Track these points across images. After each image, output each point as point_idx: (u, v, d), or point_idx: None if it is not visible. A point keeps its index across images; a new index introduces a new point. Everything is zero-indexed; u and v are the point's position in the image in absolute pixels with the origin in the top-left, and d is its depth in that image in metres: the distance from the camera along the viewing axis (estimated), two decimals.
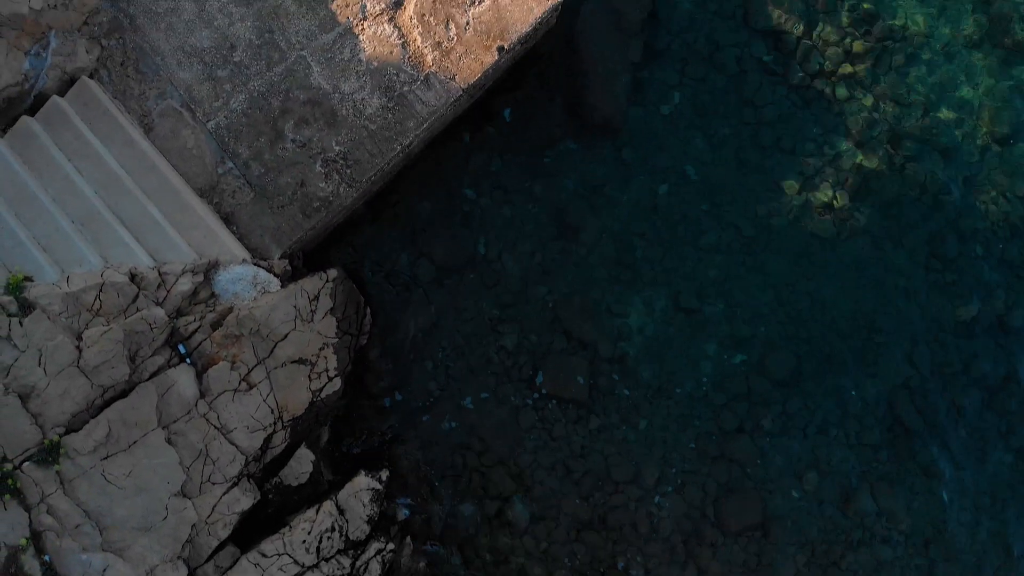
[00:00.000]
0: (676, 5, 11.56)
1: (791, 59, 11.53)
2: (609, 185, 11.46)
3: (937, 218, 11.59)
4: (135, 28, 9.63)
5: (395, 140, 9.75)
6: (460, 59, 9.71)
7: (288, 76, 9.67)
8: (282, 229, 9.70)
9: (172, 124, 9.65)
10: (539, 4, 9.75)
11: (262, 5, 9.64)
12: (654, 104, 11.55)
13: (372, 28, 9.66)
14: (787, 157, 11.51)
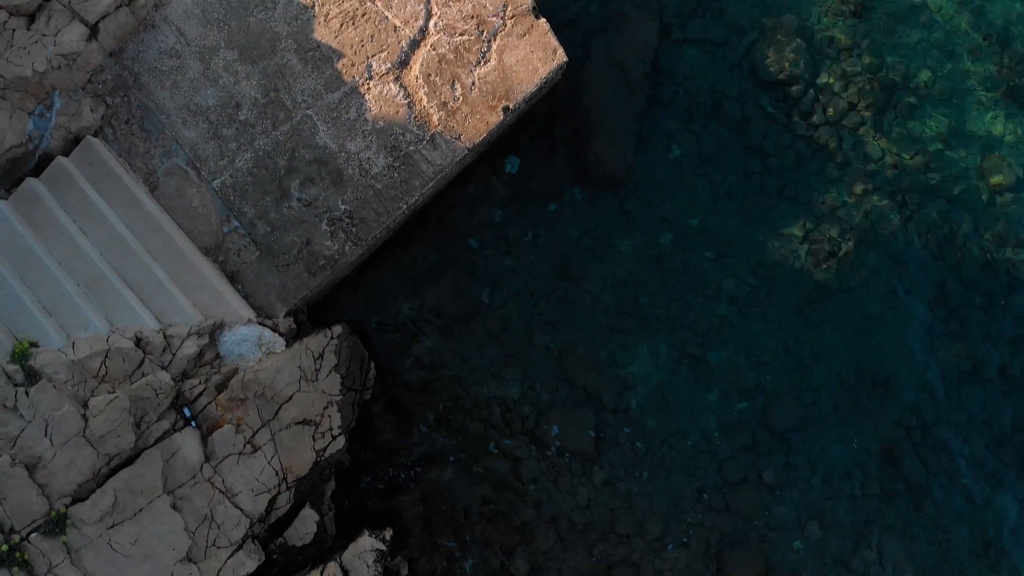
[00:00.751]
0: (680, 56, 11.54)
1: (795, 109, 11.53)
2: (613, 234, 11.46)
3: (941, 267, 11.59)
4: (140, 86, 9.63)
5: (401, 199, 9.75)
6: (466, 119, 9.71)
7: (294, 135, 9.66)
8: (287, 288, 9.70)
9: (177, 183, 9.65)
10: (544, 64, 9.74)
11: (268, 64, 9.64)
12: (658, 153, 11.54)
13: (378, 88, 9.65)
14: (791, 206, 11.50)
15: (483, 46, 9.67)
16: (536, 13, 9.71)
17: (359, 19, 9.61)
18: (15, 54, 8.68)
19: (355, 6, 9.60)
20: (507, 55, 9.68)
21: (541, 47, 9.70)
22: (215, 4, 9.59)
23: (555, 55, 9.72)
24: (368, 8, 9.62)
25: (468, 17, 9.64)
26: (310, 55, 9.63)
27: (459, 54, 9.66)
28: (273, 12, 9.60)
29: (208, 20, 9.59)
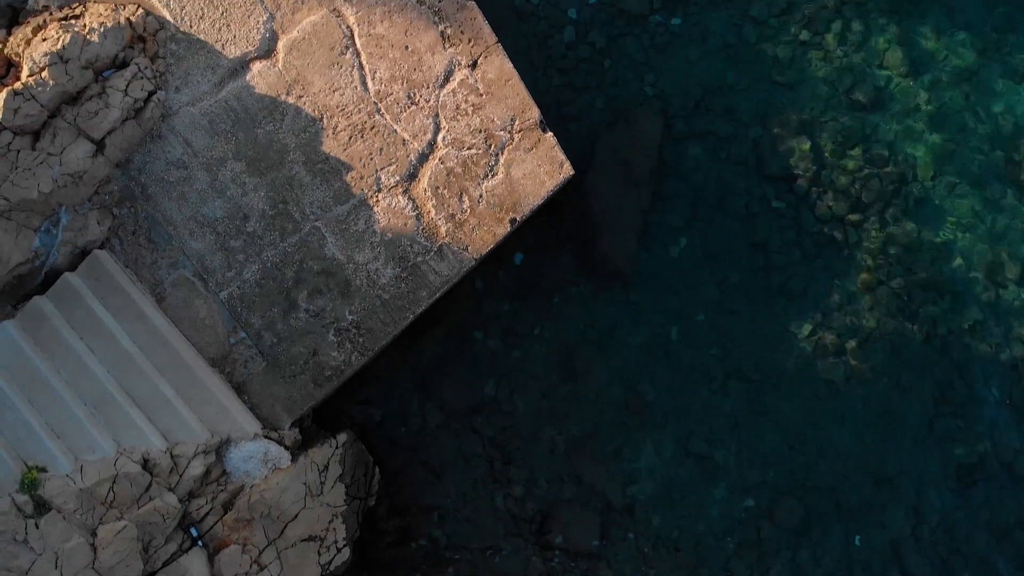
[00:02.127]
0: (685, 150, 11.57)
1: (801, 204, 11.54)
2: (618, 328, 11.48)
3: (945, 362, 11.61)
4: (147, 197, 9.62)
5: (408, 309, 9.75)
6: (473, 231, 9.72)
7: (302, 246, 9.66)
8: (293, 399, 9.70)
9: (184, 294, 9.64)
10: (551, 178, 9.76)
11: (276, 176, 9.64)
12: (663, 248, 11.56)
13: (387, 200, 9.66)
14: (797, 302, 11.52)
15: (491, 160, 9.67)
16: (543, 127, 9.71)
17: (368, 132, 9.61)
18: (20, 176, 8.67)
19: (364, 119, 9.61)
20: (514, 168, 9.70)
21: (548, 161, 9.71)
22: (222, 115, 9.59)
23: (562, 169, 9.73)
24: (377, 121, 9.62)
25: (476, 131, 9.65)
26: (319, 167, 9.63)
27: (467, 167, 9.67)
28: (281, 124, 9.60)
29: (216, 131, 9.59)
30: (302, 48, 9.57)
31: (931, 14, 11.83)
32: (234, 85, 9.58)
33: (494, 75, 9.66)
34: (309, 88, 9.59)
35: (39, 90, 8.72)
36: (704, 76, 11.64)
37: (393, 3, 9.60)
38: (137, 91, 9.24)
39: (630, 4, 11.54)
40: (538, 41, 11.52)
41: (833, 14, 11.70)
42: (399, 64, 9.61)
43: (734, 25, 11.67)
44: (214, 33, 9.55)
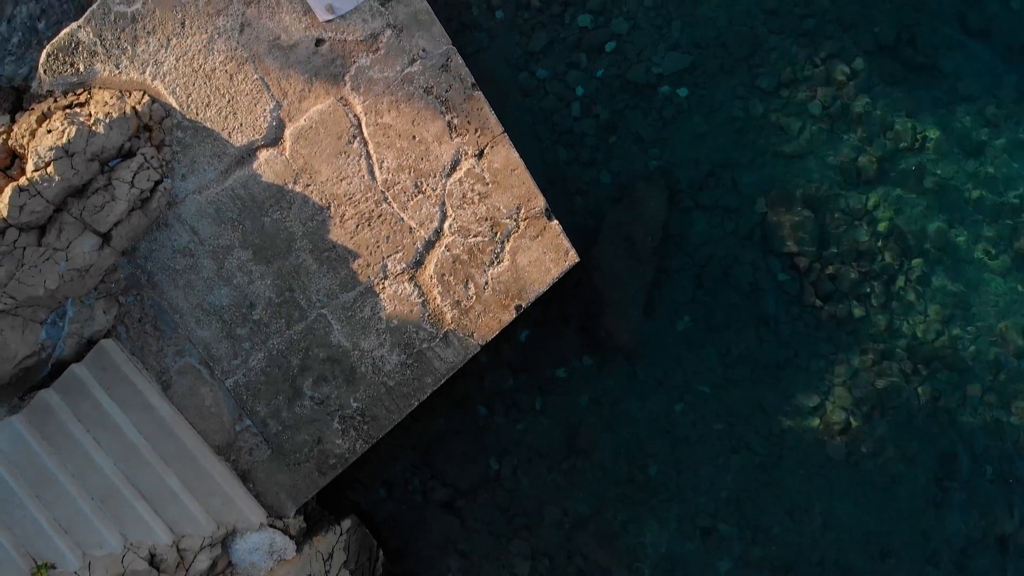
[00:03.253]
0: (691, 224, 11.56)
1: (806, 277, 11.54)
2: (623, 402, 11.49)
3: (950, 436, 11.62)
4: (153, 285, 9.63)
5: (413, 396, 9.76)
6: (479, 317, 9.72)
7: (308, 334, 9.67)
8: (298, 486, 9.72)
9: (190, 382, 9.65)
10: (556, 265, 9.76)
11: (283, 264, 9.64)
12: (668, 321, 11.57)
13: (393, 287, 9.66)
14: (801, 376, 11.53)
15: (496, 247, 9.68)
16: (549, 215, 9.72)
17: (375, 220, 9.62)
18: (26, 274, 8.68)
19: (371, 208, 9.61)
20: (520, 256, 9.70)
21: (554, 248, 9.72)
22: (229, 204, 9.59)
23: (567, 256, 9.74)
24: (384, 210, 9.63)
25: (482, 219, 9.65)
26: (325, 255, 9.63)
27: (473, 255, 9.67)
28: (288, 212, 9.61)
29: (222, 219, 9.59)
30: (309, 137, 9.58)
31: (938, 86, 11.81)
32: (241, 173, 9.59)
33: (500, 164, 9.66)
34: (316, 177, 9.59)
35: (45, 186, 8.73)
36: (710, 148, 11.64)
37: (400, 93, 9.60)
38: (143, 182, 9.24)
39: (636, 76, 11.52)
40: (544, 116, 11.51)
41: (840, 86, 11.67)
42: (406, 153, 9.61)
43: (741, 96, 11.65)
44: (220, 121, 9.55)
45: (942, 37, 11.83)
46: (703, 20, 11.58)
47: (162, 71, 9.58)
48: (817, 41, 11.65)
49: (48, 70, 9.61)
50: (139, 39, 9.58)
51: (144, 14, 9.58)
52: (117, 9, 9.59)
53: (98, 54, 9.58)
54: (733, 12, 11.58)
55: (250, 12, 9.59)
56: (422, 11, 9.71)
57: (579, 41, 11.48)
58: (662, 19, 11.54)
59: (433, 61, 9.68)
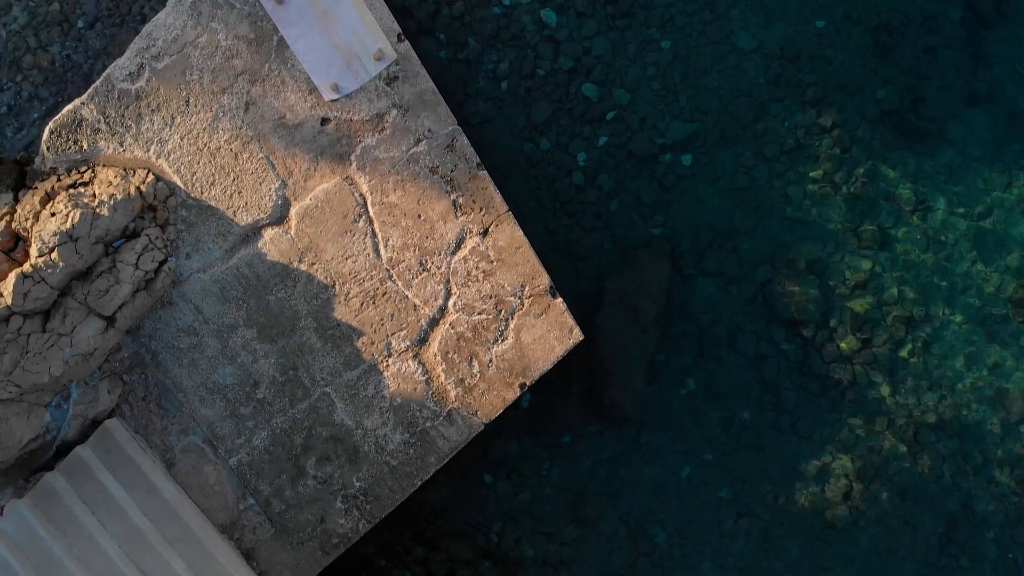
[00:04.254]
0: (694, 290, 11.57)
1: (810, 345, 11.55)
2: (627, 469, 11.48)
3: (953, 501, 11.62)
4: (157, 364, 9.62)
5: (416, 476, 9.75)
6: (483, 395, 9.71)
7: (311, 413, 9.66)
8: (301, 566, 9.69)
9: (194, 460, 9.64)
10: (560, 343, 9.76)
11: (287, 342, 9.63)
12: (672, 388, 11.56)
13: (396, 365, 9.66)
14: (805, 443, 11.52)
15: (501, 325, 9.68)
16: (553, 293, 9.72)
17: (379, 298, 9.62)
18: (31, 361, 8.66)
19: (376, 286, 9.61)
20: (524, 334, 9.70)
21: (558, 326, 9.71)
22: (234, 282, 9.59)
23: (571, 334, 9.73)
24: (389, 288, 9.62)
25: (487, 296, 9.65)
26: (330, 333, 9.63)
27: (477, 332, 9.67)
28: (293, 291, 9.60)
29: (227, 298, 9.59)
30: (315, 215, 9.58)
31: (941, 152, 11.84)
32: (246, 252, 9.59)
33: (505, 242, 9.67)
34: (322, 255, 9.59)
35: (49, 272, 8.72)
36: (713, 215, 11.65)
37: (406, 172, 9.61)
38: (148, 263, 9.24)
39: (639, 146, 11.54)
40: (547, 184, 11.52)
41: (843, 152, 11.70)
42: (411, 232, 9.62)
43: (744, 164, 11.67)
44: (225, 200, 9.55)
45: (947, 103, 11.87)
46: (706, 89, 11.61)
47: (166, 149, 9.59)
48: (821, 108, 11.68)
49: (51, 147, 9.61)
50: (143, 116, 9.59)
51: (148, 91, 9.59)
52: (121, 86, 9.61)
53: (102, 131, 9.59)
54: (737, 80, 11.61)
55: (255, 90, 9.61)
56: (428, 91, 9.73)
57: (583, 111, 11.50)
58: (665, 88, 11.57)
59: (439, 141, 9.70)
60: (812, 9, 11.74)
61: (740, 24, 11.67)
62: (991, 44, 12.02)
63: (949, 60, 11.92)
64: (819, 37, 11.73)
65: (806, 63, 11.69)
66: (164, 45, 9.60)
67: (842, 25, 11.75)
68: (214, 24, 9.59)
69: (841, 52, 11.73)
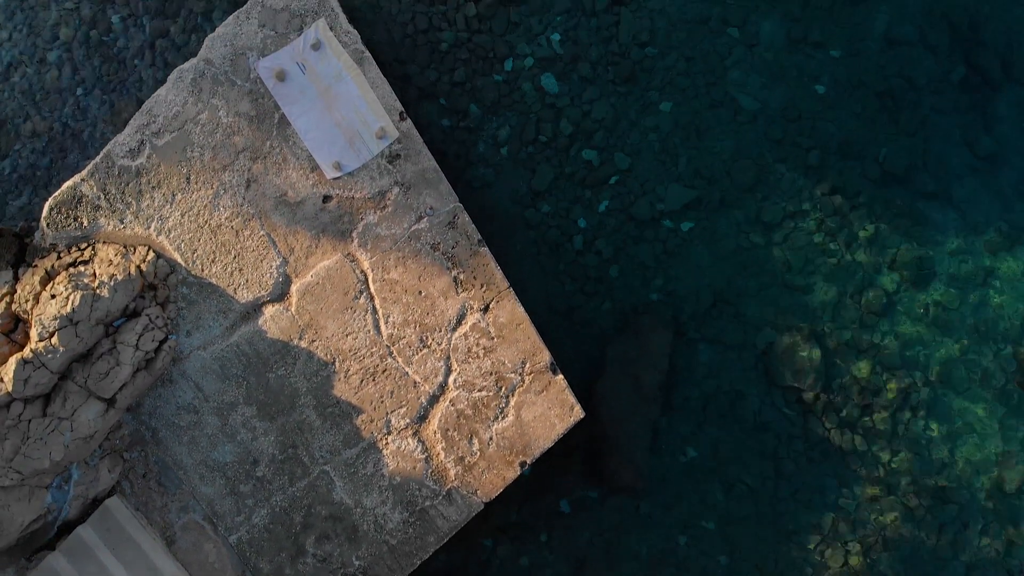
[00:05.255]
0: (695, 356, 11.56)
1: (810, 412, 11.53)
2: (627, 536, 11.46)
3: (953, 569, 11.60)
4: (157, 442, 9.61)
5: (415, 555, 9.74)
6: (482, 474, 9.70)
7: (311, 491, 9.65)
8: None
9: (194, 537, 9.62)
10: (561, 421, 9.75)
11: (287, 420, 9.62)
12: (673, 455, 11.55)
13: (396, 443, 9.65)
14: (805, 510, 11.51)
15: (501, 402, 9.67)
16: (554, 369, 9.71)
17: (380, 376, 9.61)
18: (32, 447, 8.65)
19: (376, 363, 9.60)
20: (525, 411, 9.69)
21: (559, 404, 9.71)
22: (234, 360, 9.58)
23: (572, 412, 9.72)
24: (389, 365, 9.61)
25: (487, 373, 9.64)
26: (329, 411, 9.62)
27: (477, 409, 9.66)
28: (293, 368, 9.59)
29: (227, 376, 9.57)
30: (316, 292, 9.57)
31: (943, 214, 11.83)
32: (246, 329, 9.57)
33: (505, 319, 9.65)
34: (322, 332, 9.58)
35: (49, 357, 8.70)
36: (714, 280, 11.64)
37: (407, 249, 9.60)
38: (148, 343, 9.22)
39: (639, 210, 11.52)
40: (548, 248, 11.51)
41: (844, 216, 11.68)
42: (412, 308, 9.61)
43: (745, 229, 11.65)
44: (226, 277, 9.54)
45: (949, 165, 11.85)
46: (708, 153, 11.59)
47: (167, 226, 9.58)
48: (822, 172, 11.65)
49: (51, 223, 9.59)
50: (144, 193, 9.57)
51: (149, 168, 9.58)
52: (121, 163, 9.59)
53: (102, 208, 9.57)
54: (739, 143, 11.59)
55: (256, 168, 9.59)
56: (429, 169, 9.71)
57: (584, 176, 11.48)
58: (665, 153, 11.55)
59: (440, 218, 9.69)
60: (813, 73, 11.72)
61: (741, 87, 11.65)
62: (997, 106, 12.00)
63: (953, 123, 11.90)
64: (820, 100, 11.71)
65: (807, 126, 11.67)
66: (165, 121, 9.58)
67: (844, 88, 11.72)
68: (215, 101, 9.57)
69: (843, 115, 11.70)
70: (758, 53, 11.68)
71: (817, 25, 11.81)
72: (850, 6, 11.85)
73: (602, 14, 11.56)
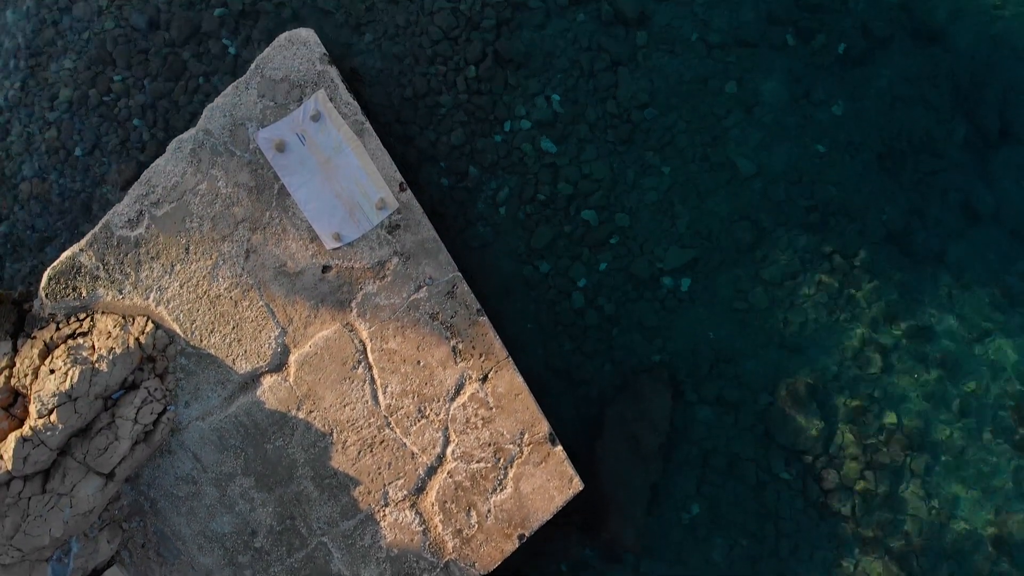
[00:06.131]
0: (694, 416, 11.55)
1: (809, 473, 11.53)
2: None
3: None
4: (156, 512, 9.61)
5: None
6: (480, 547, 9.70)
7: (308, 562, 9.65)
8: None
9: None
10: (560, 493, 9.75)
11: (284, 491, 9.62)
12: (672, 515, 11.54)
13: (394, 515, 9.65)
14: (804, 570, 11.50)
15: (500, 474, 9.67)
16: (553, 440, 9.71)
17: (377, 447, 9.61)
18: (32, 525, 8.65)
19: (374, 434, 9.60)
20: (523, 483, 9.68)
21: (558, 476, 9.70)
22: (232, 431, 9.58)
23: (571, 484, 9.72)
24: (387, 435, 9.61)
25: (486, 445, 9.64)
26: (327, 482, 9.61)
27: (476, 481, 9.66)
28: (291, 439, 9.59)
29: (225, 447, 9.58)
30: (314, 363, 9.57)
31: (942, 274, 11.83)
32: (244, 400, 9.57)
33: (504, 389, 9.65)
34: (320, 403, 9.58)
35: (48, 435, 8.71)
36: (714, 340, 11.63)
37: (406, 319, 9.60)
38: (146, 416, 9.22)
39: (639, 269, 11.52)
40: (547, 307, 11.51)
41: (843, 277, 11.68)
42: (410, 379, 9.60)
43: (744, 288, 11.65)
44: (225, 348, 9.54)
45: (949, 224, 11.85)
46: (707, 213, 11.59)
47: (166, 297, 9.57)
48: (821, 232, 11.66)
49: (50, 293, 9.59)
50: (143, 264, 9.58)
51: (147, 239, 9.58)
52: (120, 233, 9.59)
53: (100, 278, 9.57)
54: (738, 204, 11.60)
55: (256, 238, 9.59)
56: (429, 239, 9.72)
57: (583, 235, 11.48)
58: (665, 213, 11.55)
59: (439, 288, 9.69)
60: (813, 133, 11.72)
61: (740, 148, 11.66)
62: (996, 165, 12.00)
63: (953, 182, 11.90)
64: (820, 161, 11.71)
65: (807, 188, 11.67)
66: (163, 192, 9.59)
67: (844, 149, 11.72)
68: (214, 171, 9.58)
69: (843, 175, 11.71)
70: (758, 113, 11.69)
71: (819, 84, 11.81)
72: (852, 65, 11.85)
73: (601, 74, 11.57)
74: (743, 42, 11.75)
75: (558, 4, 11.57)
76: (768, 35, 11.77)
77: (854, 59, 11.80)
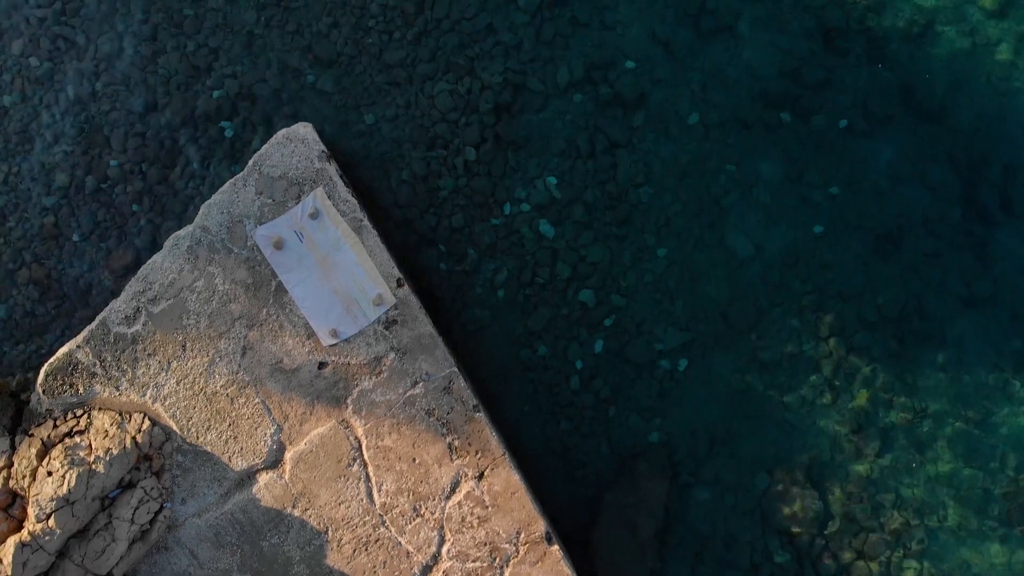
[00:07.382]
0: (691, 498, 11.56)
1: (806, 557, 11.54)
2: None
3: None
4: None
5: None
6: None
7: None
8: None
9: None
10: None
11: None
12: None
13: None
14: None
15: (495, 573, 9.67)
16: (550, 540, 9.72)
17: (372, 545, 9.61)
18: None
19: (369, 532, 9.61)
20: None
21: (554, 575, 9.71)
22: (228, 528, 9.59)
23: None
24: (382, 534, 9.62)
25: (481, 544, 9.65)
26: None
27: None
28: (286, 537, 9.60)
29: (221, 543, 9.59)
30: (309, 460, 9.58)
31: (940, 355, 11.80)
32: (240, 497, 9.59)
33: (500, 487, 9.66)
34: (315, 501, 9.59)
35: (47, 539, 8.73)
36: (711, 421, 11.64)
37: (402, 415, 9.61)
38: (143, 516, 9.25)
39: (635, 353, 11.53)
40: (544, 388, 11.52)
41: (840, 359, 11.68)
42: (406, 476, 9.62)
43: (741, 369, 11.65)
44: (221, 445, 9.55)
45: (948, 305, 11.81)
46: (704, 295, 11.60)
47: (163, 394, 9.59)
48: (819, 314, 11.65)
49: (47, 390, 9.61)
50: (139, 361, 9.59)
51: (144, 335, 9.59)
52: (117, 330, 9.61)
53: (97, 375, 9.59)
54: (735, 287, 11.60)
55: (252, 336, 9.60)
56: (425, 335, 9.73)
57: (580, 317, 11.49)
58: (662, 294, 11.56)
59: (436, 384, 9.70)
60: (810, 215, 11.72)
61: (737, 229, 11.66)
62: (996, 245, 11.97)
63: (951, 262, 11.88)
64: (817, 242, 11.71)
65: (804, 269, 11.67)
66: (160, 289, 9.60)
67: (841, 230, 11.72)
68: (211, 268, 9.59)
69: (840, 257, 11.70)
70: (755, 194, 11.69)
71: (816, 164, 11.81)
72: (851, 144, 11.84)
73: (600, 156, 11.57)
74: (742, 122, 11.74)
75: (558, 86, 11.56)
76: (764, 116, 11.76)
77: (854, 136, 11.78)
